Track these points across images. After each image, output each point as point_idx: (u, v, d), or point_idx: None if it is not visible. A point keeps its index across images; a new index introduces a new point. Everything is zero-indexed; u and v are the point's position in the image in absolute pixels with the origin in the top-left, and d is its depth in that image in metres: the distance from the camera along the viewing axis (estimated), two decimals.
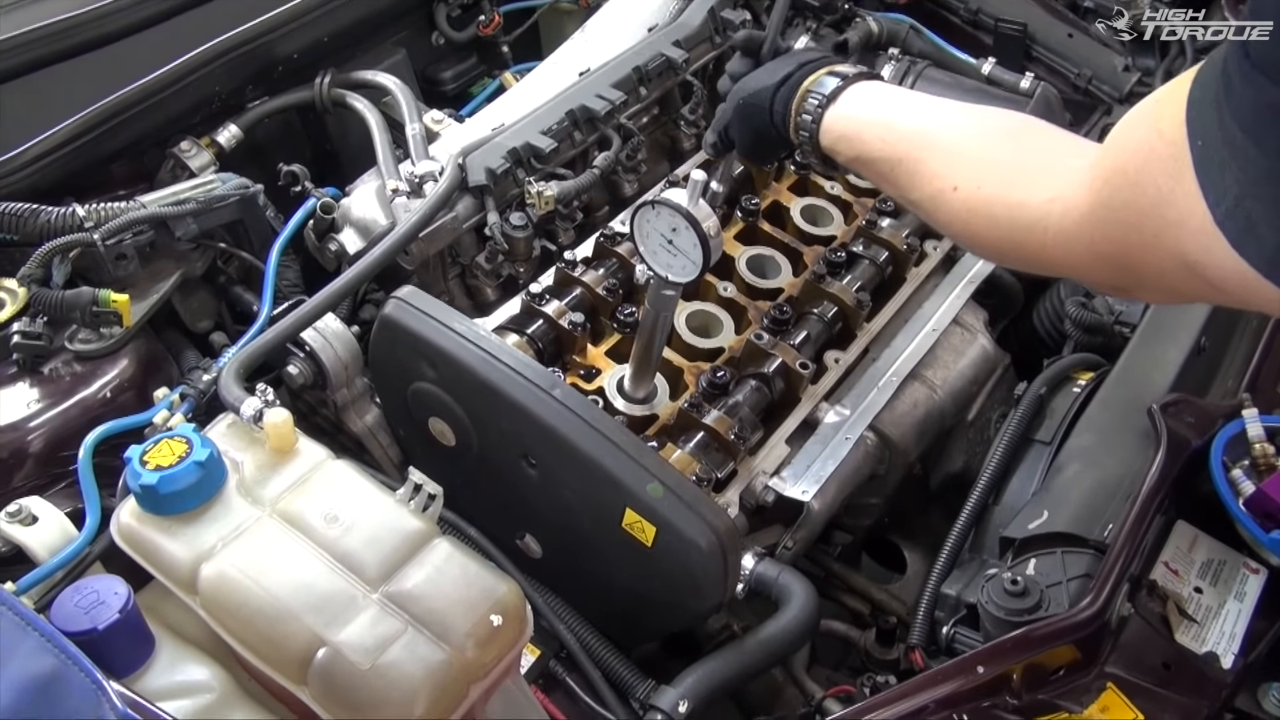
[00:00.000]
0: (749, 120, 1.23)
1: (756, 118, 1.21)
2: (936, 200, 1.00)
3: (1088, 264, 0.87)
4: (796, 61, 1.19)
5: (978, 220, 0.97)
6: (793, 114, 1.16)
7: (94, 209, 1.42)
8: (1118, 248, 0.83)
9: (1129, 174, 0.79)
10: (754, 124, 1.22)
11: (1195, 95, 0.73)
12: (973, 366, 1.70)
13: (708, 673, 1.25)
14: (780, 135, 1.20)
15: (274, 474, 1.14)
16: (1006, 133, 1.00)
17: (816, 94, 1.14)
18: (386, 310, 1.38)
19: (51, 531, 1.18)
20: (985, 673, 1.12)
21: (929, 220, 1.06)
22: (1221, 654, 1.22)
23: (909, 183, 1.04)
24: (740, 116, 1.24)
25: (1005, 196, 0.94)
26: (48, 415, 1.31)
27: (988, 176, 0.96)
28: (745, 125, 1.24)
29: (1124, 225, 0.81)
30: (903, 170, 1.04)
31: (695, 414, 1.40)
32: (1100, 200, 0.83)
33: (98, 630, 0.99)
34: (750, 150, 1.29)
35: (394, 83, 1.81)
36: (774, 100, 1.18)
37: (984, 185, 0.96)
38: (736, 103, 1.24)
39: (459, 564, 1.08)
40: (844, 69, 1.16)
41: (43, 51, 1.58)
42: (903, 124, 1.07)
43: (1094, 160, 0.85)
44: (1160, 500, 1.30)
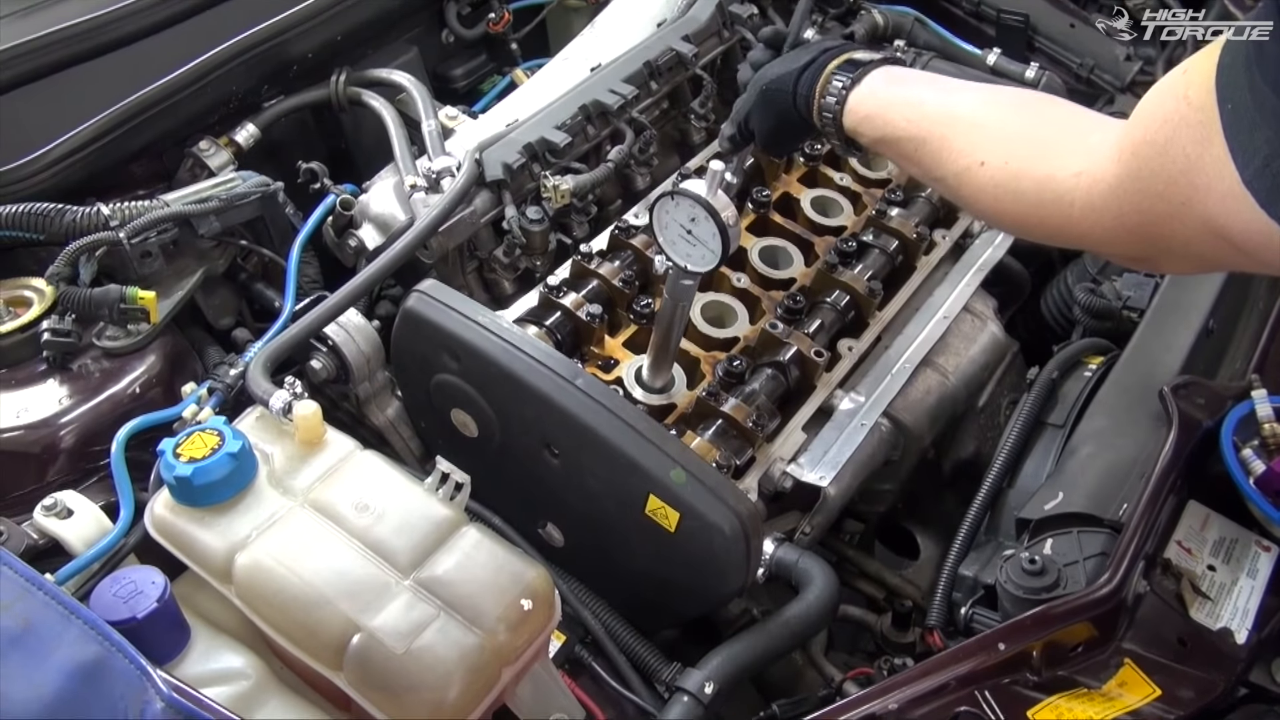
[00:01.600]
0: (771, 106, 1.25)
1: (779, 103, 1.23)
2: (962, 176, 1.02)
3: (1114, 236, 0.89)
4: (819, 48, 1.21)
5: (1004, 195, 0.99)
6: (816, 97, 1.18)
7: (119, 208, 1.44)
8: (1145, 218, 0.85)
9: (1157, 143, 0.81)
10: (776, 109, 1.24)
11: (1225, 61, 0.75)
12: (983, 353, 1.72)
13: (732, 655, 1.27)
14: (803, 119, 1.22)
15: (304, 465, 1.16)
16: (1031, 109, 1.02)
17: (841, 76, 1.16)
18: (409, 303, 1.40)
19: (87, 524, 1.20)
20: (1006, 650, 1.14)
21: (954, 197, 1.08)
22: (1235, 630, 1.24)
23: (934, 160, 1.06)
24: (762, 103, 1.26)
25: (1032, 170, 0.96)
26: (79, 411, 1.33)
27: (1015, 151, 0.98)
28: (767, 112, 1.26)
29: (1151, 195, 0.83)
30: (928, 149, 1.06)
31: (713, 402, 1.42)
32: (1128, 171, 0.85)
33: (137, 619, 1.01)
34: (770, 138, 1.31)
35: (409, 80, 1.83)
36: (797, 84, 1.20)
37: (1010, 160, 0.98)
38: (759, 90, 1.26)
39: (488, 550, 1.10)
40: (865, 54, 1.18)
41: (63, 54, 1.60)
42: (928, 103, 1.09)
43: (1120, 133, 0.88)
44: (1173, 480, 1.31)
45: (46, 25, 1.60)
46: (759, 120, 1.28)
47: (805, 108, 1.20)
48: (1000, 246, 1.80)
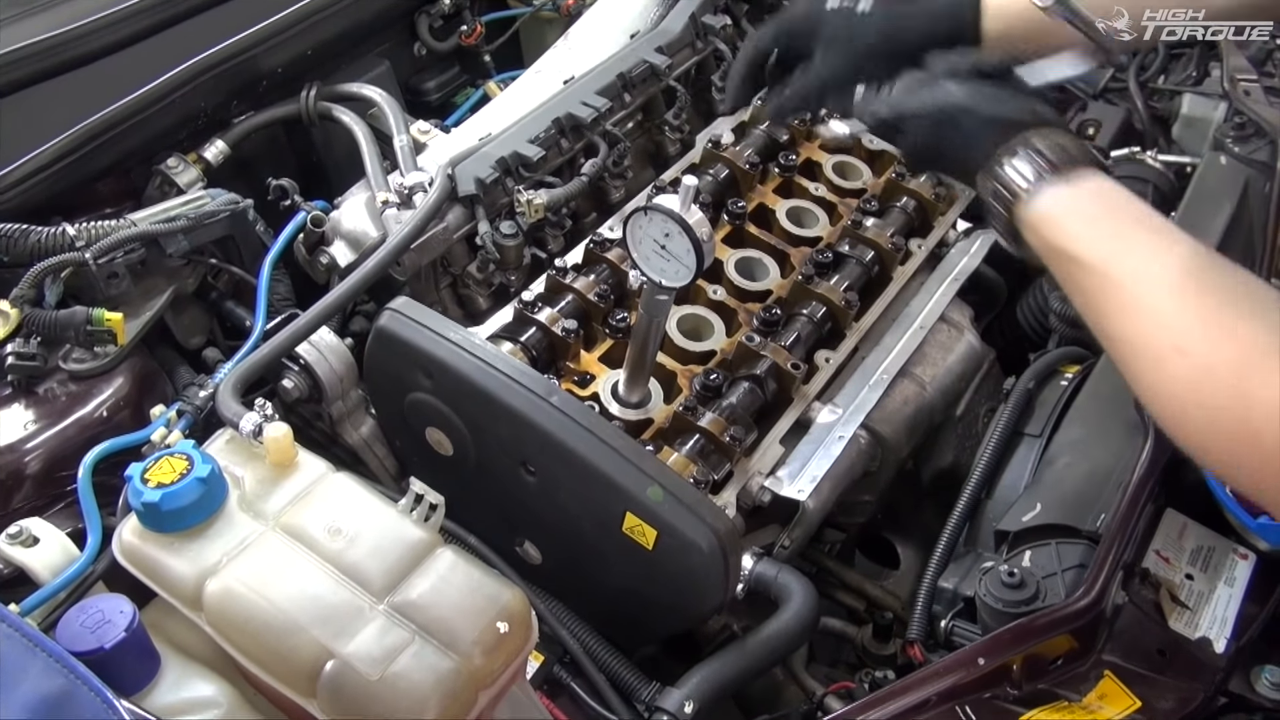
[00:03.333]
0: (939, 130, 1.05)
1: (951, 135, 1.04)
2: (1148, 349, 0.86)
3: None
4: (1029, 107, 1.02)
5: (1190, 400, 0.82)
6: (1001, 166, 0.99)
7: (84, 228, 1.42)
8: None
9: None
10: (941, 135, 1.05)
11: None
12: (960, 362, 1.72)
13: (712, 673, 1.27)
14: (962, 167, 1.05)
15: (275, 488, 1.14)
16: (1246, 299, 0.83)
17: (1040, 159, 0.96)
18: (381, 321, 1.39)
19: (53, 552, 1.18)
20: (986, 664, 1.14)
21: (1123, 364, 0.90)
22: (1214, 639, 1.24)
23: (1120, 314, 0.89)
24: (934, 121, 1.06)
25: (1230, 378, 0.79)
26: (44, 436, 1.30)
27: (1223, 345, 0.81)
28: (930, 130, 1.06)
29: None
30: (1119, 299, 0.89)
31: (690, 417, 1.42)
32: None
33: (105, 649, 0.99)
34: (921, 160, 1.13)
35: (380, 94, 1.81)
36: (983, 134, 1.01)
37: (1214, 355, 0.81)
38: (938, 109, 1.06)
39: (463, 572, 1.09)
40: (1075, 144, 0.99)
41: (26, 71, 1.57)
42: (1140, 231, 0.91)
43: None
44: (1150, 489, 1.32)
45: (8, 43, 1.58)
46: (914, 126, 1.07)
47: (974, 158, 1.02)
48: (976, 255, 1.81)
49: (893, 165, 1.86)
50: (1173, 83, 2.24)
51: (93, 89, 1.63)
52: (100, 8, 1.66)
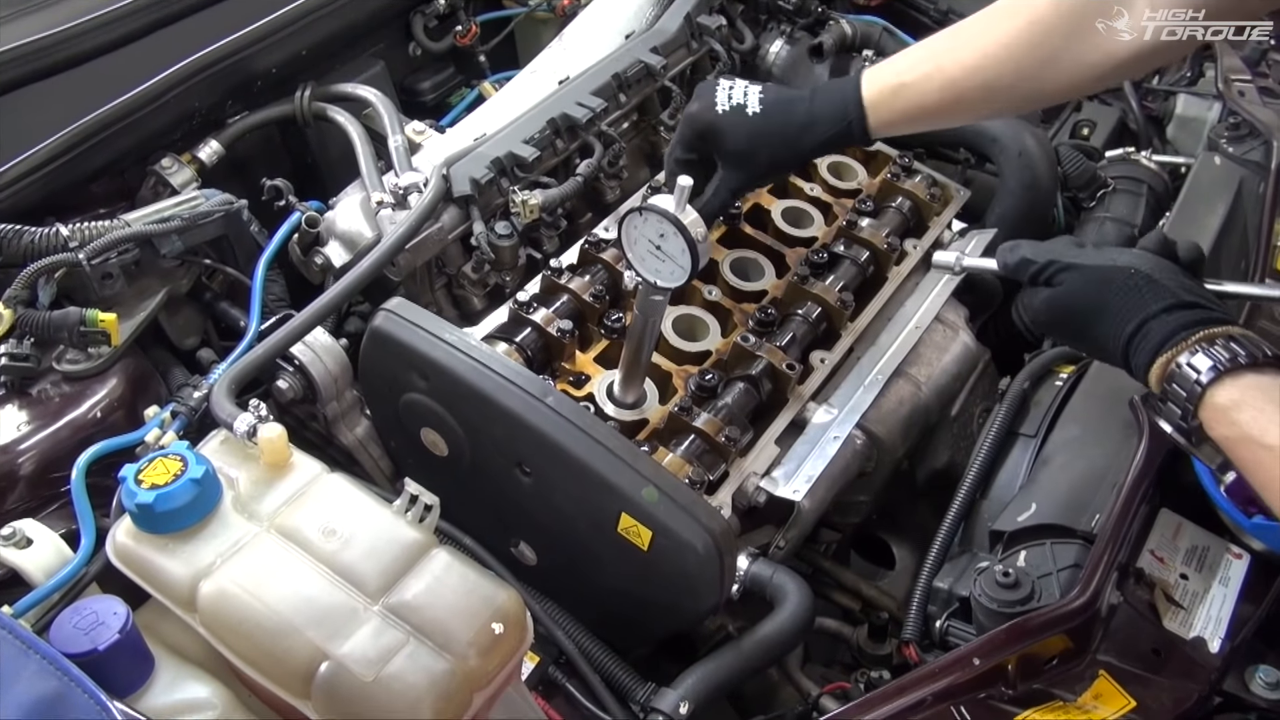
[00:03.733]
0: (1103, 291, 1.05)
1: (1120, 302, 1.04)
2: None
3: None
4: (1214, 300, 1.02)
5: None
6: (1184, 354, 0.99)
7: (78, 228, 1.42)
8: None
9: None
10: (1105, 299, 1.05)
11: None
12: (956, 363, 1.72)
13: (707, 673, 1.27)
14: (1118, 348, 1.06)
15: (269, 489, 1.14)
16: None
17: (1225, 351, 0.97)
18: (376, 322, 1.39)
19: (47, 553, 1.18)
20: (981, 665, 1.14)
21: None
22: (1209, 638, 1.24)
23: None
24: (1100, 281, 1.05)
25: None
26: (38, 437, 1.30)
27: None
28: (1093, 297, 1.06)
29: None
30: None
31: (685, 417, 1.42)
32: None
33: (98, 651, 0.99)
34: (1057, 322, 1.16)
35: (374, 95, 1.81)
36: (1136, 335, 1.02)
37: None
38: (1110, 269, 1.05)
39: (458, 573, 1.09)
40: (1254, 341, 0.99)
41: (19, 71, 1.57)
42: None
43: None
44: (1145, 490, 1.32)
45: (1, 43, 1.57)
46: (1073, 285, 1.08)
47: (1149, 340, 1.02)
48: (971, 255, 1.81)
49: (888, 165, 1.86)
50: (1167, 83, 2.24)
51: (87, 89, 1.62)
52: (94, 8, 1.66)
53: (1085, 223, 2.02)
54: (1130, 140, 2.21)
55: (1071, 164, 2.03)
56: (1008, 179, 1.97)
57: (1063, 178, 2.03)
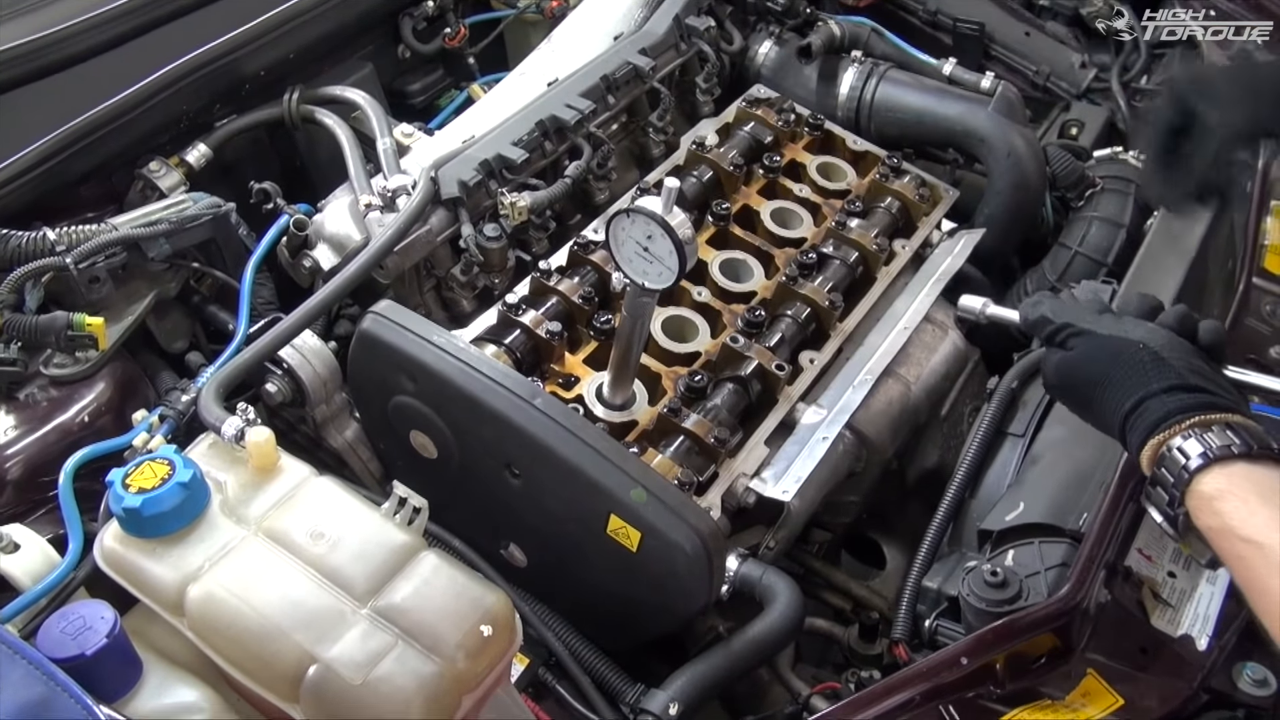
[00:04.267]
0: (1114, 364, 1.04)
1: (1126, 376, 1.03)
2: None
3: None
4: (1225, 387, 1.00)
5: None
6: (1180, 436, 0.98)
7: (65, 232, 1.42)
8: None
9: None
10: (1113, 370, 1.04)
11: None
12: (945, 362, 1.73)
13: (697, 674, 1.27)
14: (1116, 422, 1.04)
15: (258, 493, 1.14)
16: None
17: (1221, 438, 0.94)
18: (364, 325, 1.38)
19: (34, 558, 1.17)
20: (969, 664, 1.14)
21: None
22: (1196, 636, 1.24)
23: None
24: (1112, 353, 1.04)
25: None
26: (25, 441, 1.30)
27: None
28: (1100, 366, 1.05)
29: None
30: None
31: (675, 418, 1.42)
32: None
33: (86, 655, 0.98)
34: (1064, 386, 1.14)
35: (363, 97, 1.81)
36: (1169, 394, 0.99)
37: None
38: (1121, 343, 1.04)
39: (447, 575, 1.08)
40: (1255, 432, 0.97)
41: (6, 75, 1.57)
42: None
43: None
44: (1132, 488, 1.31)
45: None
46: (1085, 352, 1.07)
47: (1148, 416, 1.01)
48: (960, 256, 1.81)
49: (877, 166, 1.87)
50: (1155, 83, 2.25)
51: (74, 93, 1.62)
52: (81, 11, 1.65)
53: (1073, 222, 2.03)
54: (1118, 140, 2.22)
55: (1060, 164, 2.03)
56: (996, 179, 1.97)
57: (1051, 177, 2.04)
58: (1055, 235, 2.05)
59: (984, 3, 2.38)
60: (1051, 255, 1.99)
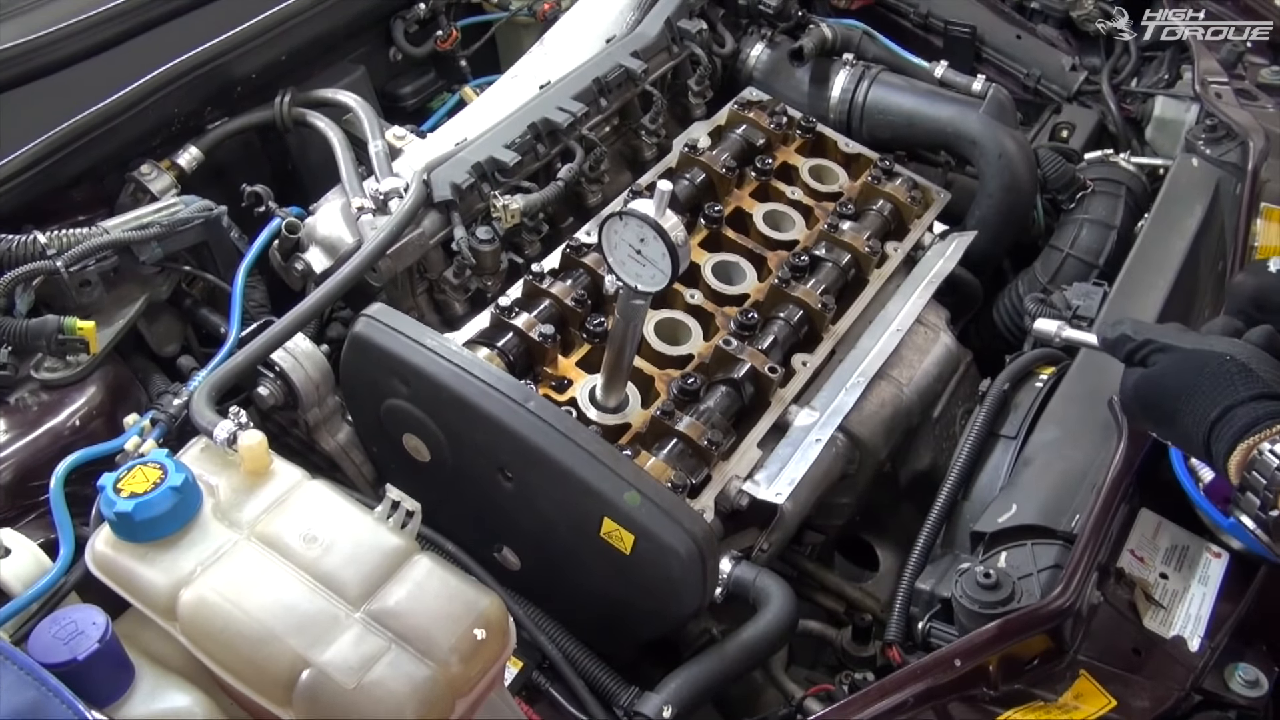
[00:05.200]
0: (1196, 377, 1.05)
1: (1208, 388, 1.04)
2: None
3: None
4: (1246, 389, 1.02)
5: None
6: (1238, 455, 1.00)
7: (56, 236, 1.41)
8: None
9: None
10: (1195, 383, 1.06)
11: None
12: (937, 364, 1.73)
13: (690, 677, 1.27)
14: (1201, 435, 1.05)
15: (250, 497, 1.13)
16: None
17: None
18: (357, 328, 1.38)
19: (25, 563, 1.17)
20: (963, 666, 1.14)
21: None
22: (1188, 637, 1.25)
23: None
24: (1195, 367, 1.06)
25: None
26: (16, 446, 1.29)
27: None
28: (1185, 379, 1.06)
29: None
30: None
31: (668, 421, 1.42)
32: None
33: (77, 660, 0.98)
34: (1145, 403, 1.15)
35: (355, 100, 1.81)
36: (1252, 404, 1.01)
37: None
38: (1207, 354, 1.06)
39: (440, 579, 1.08)
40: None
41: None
42: None
43: None
44: (1124, 490, 1.33)
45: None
46: (1166, 367, 1.09)
47: (1217, 451, 1.03)
48: (951, 258, 1.82)
49: (869, 169, 1.87)
50: (1145, 85, 2.26)
51: (65, 95, 1.62)
52: (71, 15, 1.64)
53: (1064, 224, 2.04)
54: (1109, 142, 2.23)
55: (1051, 166, 2.04)
56: (988, 181, 1.98)
57: (1042, 180, 2.04)
58: (1046, 237, 2.06)
59: (975, 5, 2.39)
60: (1043, 257, 2.00)
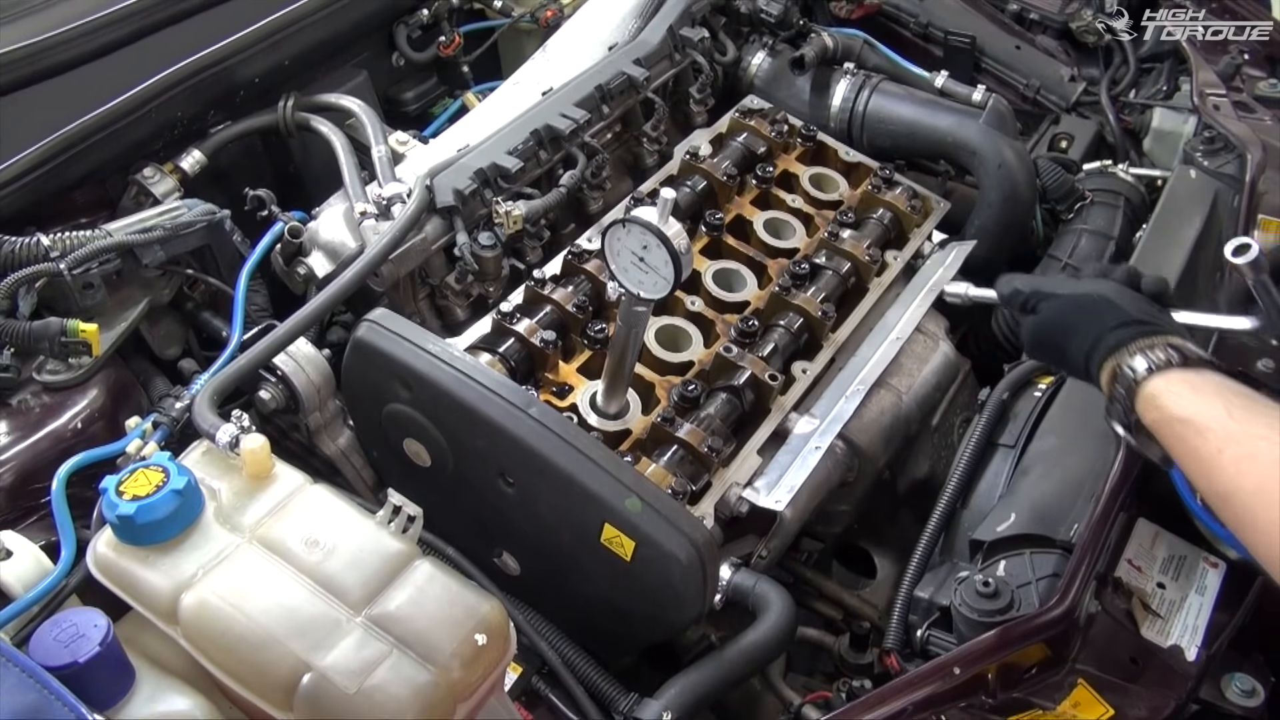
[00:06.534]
0: (1077, 314, 1.19)
1: (1087, 322, 1.17)
2: (1264, 493, 0.95)
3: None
4: (1165, 319, 1.15)
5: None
6: (1131, 356, 1.11)
7: (59, 238, 1.41)
8: None
9: None
10: (1076, 320, 1.19)
11: None
12: (936, 373, 1.74)
13: (690, 684, 1.27)
14: (1082, 359, 1.17)
15: (252, 500, 1.14)
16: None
17: (1163, 355, 1.09)
18: (359, 333, 1.38)
19: (26, 565, 1.17)
20: (961, 674, 1.15)
21: (1236, 518, 0.99)
22: (1185, 647, 1.25)
23: (1239, 466, 0.98)
24: (1075, 305, 1.20)
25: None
26: (18, 448, 1.30)
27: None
28: (1067, 317, 1.20)
29: None
30: (1239, 451, 0.99)
31: (668, 428, 1.42)
32: None
33: (78, 663, 0.98)
34: (1038, 342, 1.26)
35: (358, 105, 1.81)
36: (1121, 329, 1.14)
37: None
38: (1082, 295, 1.20)
39: (441, 584, 1.08)
40: (1193, 350, 1.10)
41: (2, 80, 1.56)
42: (1260, 405, 1.02)
43: None
44: (1122, 499, 1.33)
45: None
46: (1052, 310, 1.22)
47: (1103, 349, 1.14)
48: (951, 266, 1.82)
49: (869, 177, 1.88)
50: (1144, 97, 2.27)
51: (68, 98, 1.62)
52: (75, 17, 1.65)
53: (1063, 235, 2.04)
54: (1108, 153, 2.24)
55: (1050, 176, 2.05)
56: (987, 191, 1.99)
57: (1041, 190, 2.05)
58: (1045, 247, 2.07)
59: (975, 16, 2.40)
60: (1041, 267, 2.00)
